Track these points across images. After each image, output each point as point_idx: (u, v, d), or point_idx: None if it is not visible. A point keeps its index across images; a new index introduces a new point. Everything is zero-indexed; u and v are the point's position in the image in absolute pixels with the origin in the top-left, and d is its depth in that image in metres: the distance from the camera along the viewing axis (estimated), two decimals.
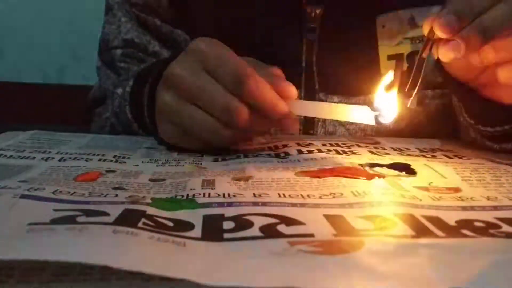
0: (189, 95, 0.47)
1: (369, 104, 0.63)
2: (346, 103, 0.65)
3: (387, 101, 0.44)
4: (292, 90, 0.47)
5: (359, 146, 0.53)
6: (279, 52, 0.63)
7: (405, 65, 0.64)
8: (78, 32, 1.31)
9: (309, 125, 0.66)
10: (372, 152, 0.50)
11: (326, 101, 0.65)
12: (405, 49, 0.64)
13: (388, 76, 0.45)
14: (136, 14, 0.69)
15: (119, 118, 0.62)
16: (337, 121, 0.65)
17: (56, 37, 1.34)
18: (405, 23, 0.64)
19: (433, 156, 0.50)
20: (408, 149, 0.53)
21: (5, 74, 1.35)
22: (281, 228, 0.29)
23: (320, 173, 0.41)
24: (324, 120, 0.66)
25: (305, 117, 0.64)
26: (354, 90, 0.65)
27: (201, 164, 0.47)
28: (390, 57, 0.64)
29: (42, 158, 0.46)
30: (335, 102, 0.65)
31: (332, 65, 0.64)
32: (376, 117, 0.44)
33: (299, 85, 0.64)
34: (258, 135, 0.56)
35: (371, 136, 0.65)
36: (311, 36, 0.64)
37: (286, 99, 0.46)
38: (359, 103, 0.64)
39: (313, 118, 0.65)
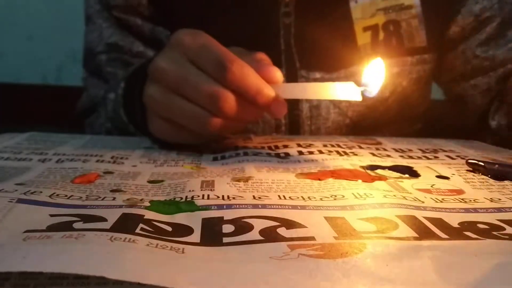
0: (174, 86, 0.46)
1: (351, 77, 0.64)
2: (328, 78, 0.65)
3: (371, 74, 0.44)
4: (278, 74, 0.46)
5: (360, 147, 0.53)
6: (257, 36, 0.64)
7: (382, 34, 0.65)
8: (76, 33, 1.30)
9: (293, 100, 0.65)
10: (373, 154, 0.50)
11: (308, 77, 0.65)
12: (380, 19, 0.65)
13: (375, 63, 0.45)
14: (117, 16, 0.69)
15: (114, 122, 0.62)
16: None
17: (55, 38, 1.34)
18: None
19: (435, 157, 0.49)
20: (410, 150, 0.52)
21: (4, 75, 1.35)
22: (281, 231, 0.28)
23: (321, 175, 0.41)
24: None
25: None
26: (334, 65, 0.66)
27: (200, 163, 0.46)
28: (365, 29, 0.65)
29: (39, 160, 0.46)
30: (317, 77, 0.65)
31: (310, 44, 0.65)
32: (362, 92, 0.43)
33: (280, 65, 0.65)
34: (248, 122, 0.55)
35: (356, 105, 0.66)
36: (287, 19, 0.65)
37: (272, 83, 0.46)
38: (340, 77, 0.65)
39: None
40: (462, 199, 0.36)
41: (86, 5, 0.73)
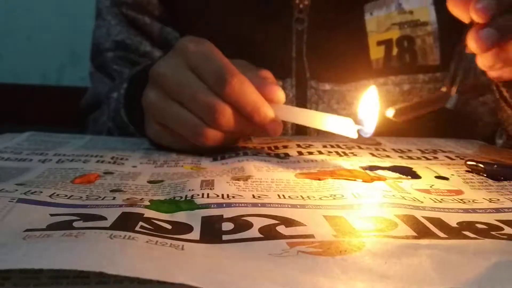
0: (172, 93, 0.46)
1: (361, 90, 0.64)
2: (338, 89, 0.65)
3: (368, 114, 0.44)
4: (279, 94, 0.46)
5: (360, 147, 0.53)
6: (269, 42, 0.64)
7: (395, 50, 0.65)
8: (77, 34, 1.30)
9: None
10: (373, 154, 0.50)
11: (317, 88, 0.65)
12: (394, 34, 0.65)
13: (370, 91, 0.45)
14: (126, 14, 0.69)
15: (116, 122, 0.62)
16: (329, 109, 0.65)
17: (55, 39, 1.34)
18: (393, 9, 0.64)
19: (435, 158, 0.49)
20: (409, 151, 0.52)
21: (4, 75, 1.35)
22: (281, 229, 0.29)
23: (320, 175, 0.41)
24: (317, 109, 0.65)
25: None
26: (345, 77, 0.65)
27: (200, 164, 0.46)
28: (379, 43, 0.65)
29: (39, 160, 0.46)
30: (326, 89, 0.65)
31: (322, 53, 0.64)
32: (358, 131, 0.43)
33: (290, 73, 0.65)
34: (245, 136, 0.55)
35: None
36: (300, 26, 0.64)
37: (272, 102, 0.46)
38: (350, 90, 0.64)
39: (306, 104, 0.65)
40: (461, 199, 0.36)
41: (97, 0, 0.73)
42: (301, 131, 0.66)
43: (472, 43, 0.41)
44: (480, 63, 0.43)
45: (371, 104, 0.44)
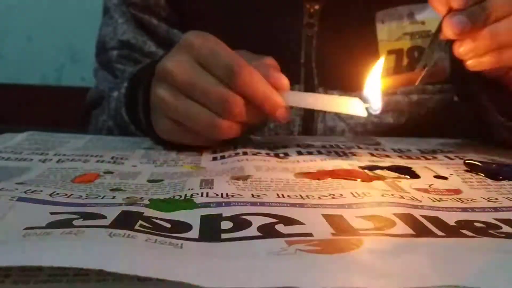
0: (183, 89, 0.47)
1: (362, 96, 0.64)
2: None
3: (374, 90, 0.44)
4: (284, 81, 0.47)
5: (359, 147, 0.53)
6: (278, 47, 0.63)
7: (405, 60, 0.64)
8: (76, 34, 1.31)
9: (308, 120, 0.66)
10: (372, 154, 0.50)
11: None
12: (405, 44, 0.64)
13: (378, 65, 0.45)
14: (133, 14, 0.69)
15: (116, 121, 0.62)
16: (337, 116, 0.65)
17: (54, 39, 1.35)
18: (405, 19, 0.64)
19: (434, 158, 0.49)
20: (409, 151, 0.52)
21: (3, 76, 1.35)
22: (280, 227, 0.29)
23: (320, 175, 0.41)
24: (324, 116, 0.66)
25: (304, 113, 0.65)
26: (354, 85, 0.63)
27: (199, 163, 0.46)
28: (390, 52, 0.64)
29: (40, 160, 0.46)
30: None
31: (331, 60, 0.64)
32: (367, 109, 0.44)
33: (298, 80, 0.65)
34: (255, 127, 0.55)
35: (371, 131, 0.65)
36: (310, 31, 0.64)
37: (278, 90, 0.47)
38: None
39: (313, 114, 0.65)
40: (460, 198, 0.36)
41: None
42: (308, 126, 0.66)
43: (445, 28, 0.42)
44: (455, 51, 0.44)
45: (374, 81, 0.45)
